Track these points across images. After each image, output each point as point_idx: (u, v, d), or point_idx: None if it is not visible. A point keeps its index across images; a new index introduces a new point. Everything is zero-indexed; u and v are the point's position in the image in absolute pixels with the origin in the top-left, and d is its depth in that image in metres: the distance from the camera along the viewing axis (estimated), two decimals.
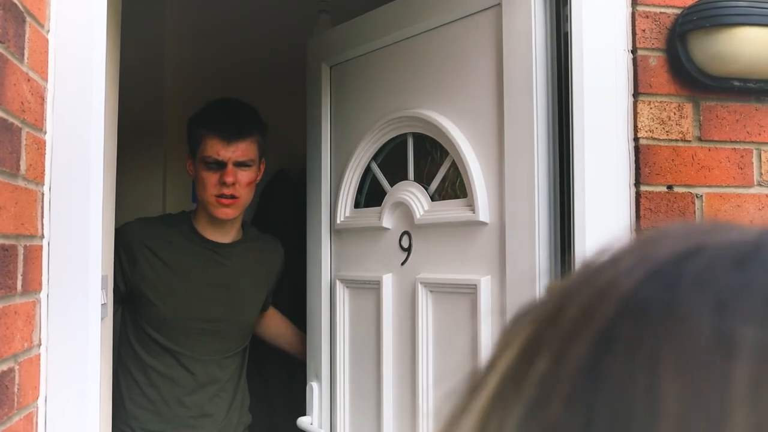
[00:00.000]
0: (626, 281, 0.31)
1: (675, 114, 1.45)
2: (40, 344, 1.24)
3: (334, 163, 2.12)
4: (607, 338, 0.29)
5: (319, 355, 2.11)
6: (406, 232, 1.85)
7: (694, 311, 0.29)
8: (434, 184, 1.80)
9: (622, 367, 0.28)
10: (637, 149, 1.44)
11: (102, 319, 1.41)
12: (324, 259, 2.12)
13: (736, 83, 1.45)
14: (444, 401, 0.35)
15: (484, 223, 1.63)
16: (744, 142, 1.47)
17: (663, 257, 0.32)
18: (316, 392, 2.12)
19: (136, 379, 2.08)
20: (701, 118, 1.46)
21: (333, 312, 2.07)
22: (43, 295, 1.25)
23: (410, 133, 1.87)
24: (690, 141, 1.45)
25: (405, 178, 1.88)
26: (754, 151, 1.47)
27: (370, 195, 2.02)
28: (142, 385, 2.07)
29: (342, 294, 2.05)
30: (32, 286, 1.21)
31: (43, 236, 1.25)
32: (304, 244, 2.78)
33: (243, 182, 2.04)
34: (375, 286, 1.91)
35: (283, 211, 2.77)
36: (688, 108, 1.46)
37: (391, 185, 1.91)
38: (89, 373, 1.28)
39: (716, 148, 1.46)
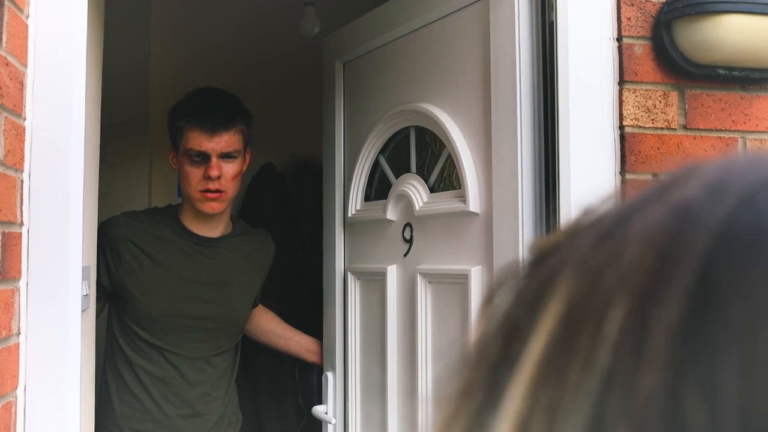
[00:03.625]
0: (711, 210, 0.25)
1: (660, 102, 1.45)
2: (19, 333, 1.22)
3: (348, 157, 2.15)
4: (706, 284, 0.23)
5: (333, 345, 2.15)
6: (408, 224, 1.87)
7: None
8: (433, 176, 1.83)
9: (745, 318, 0.22)
10: (623, 137, 1.43)
11: (84, 309, 1.39)
12: (338, 252, 2.15)
13: (721, 71, 1.45)
14: (446, 381, 0.28)
15: (475, 214, 1.63)
16: (729, 130, 1.47)
17: (747, 180, 0.25)
18: (331, 381, 2.16)
19: (124, 378, 2.03)
20: (686, 106, 1.46)
21: (346, 303, 2.11)
22: (22, 283, 1.23)
23: (412, 126, 1.90)
24: (675, 129, 1.45)
25: (409, 170, 1.91)
26: (739, 140, 1.47)
27: (379, 188, 2.05)
28: (130, 384, 2.02)
29: (353, 285, 2.09)
30: (11, 273, 1.19)
31: (22, 223, 1.23)
32: (294, 237, 2.77)
33: (228, 175, 1.98)
34: (381, 278, 1.93)
35: (271, 205, 2.76)
36: (674, 96, 1.45)
37: (397, 178, 1.94)
38: (69, 362, 1.26)
39: (701, 136, 1.46)
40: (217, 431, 2.11)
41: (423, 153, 1.88)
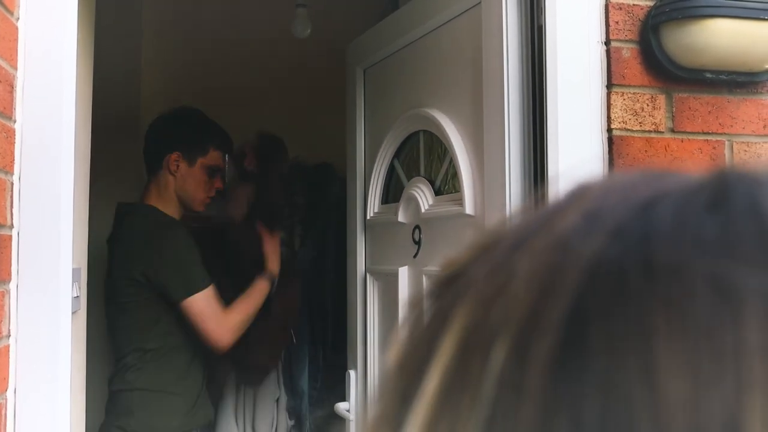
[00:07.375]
0: (585, 244, 0.25)
1: (648, 105, 1.46)
2: (9, 335, 1.22)
3: (367, 161, 2.22)
4: (577, 318, 0.24)
5: (355, 344, 2.22)
6: (417, 226, 1.90)
7: (682, 265, 0.24)
8: (438, 179, 1.85)
9: (605, 350, 0.23)
10: (611, 140, 1.44)
11: (74, 312, 1.39)
12: (359, 254, 2.22)
13: (708, 75, 1.46)
14: (370, 408, 0.29)
15: (471, 216, 1.65)
16: (716, 133, 1.48)
17: (621, 210, 0.26)
18: (353, 380, 2.22)
19: None
20: (674, 109, 1.47)
21: (366, 304, 2.17)
22: (12, 285, 1.23)
23: (421, 130, 1.93)
24: (663, 132, 1.46)
25: (419, 173, 1.94)
26: (726, 143, 1.48)
27: (394, 191, 2.10)
28: None
29: (372, 286, 2.15)
30: (1, 276, 1.19)
31: (12, 226, 1.23)
32: (288, 238, 2.78)
33: None
34: (395, 278, 1.97)
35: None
36: (661, 99, 1.47)
37: (408, 180, 1.98)
38: (60, 365, 1.26)
39: (689, 139, 1.47)
40: None
41: (431, 156, 1.92)
